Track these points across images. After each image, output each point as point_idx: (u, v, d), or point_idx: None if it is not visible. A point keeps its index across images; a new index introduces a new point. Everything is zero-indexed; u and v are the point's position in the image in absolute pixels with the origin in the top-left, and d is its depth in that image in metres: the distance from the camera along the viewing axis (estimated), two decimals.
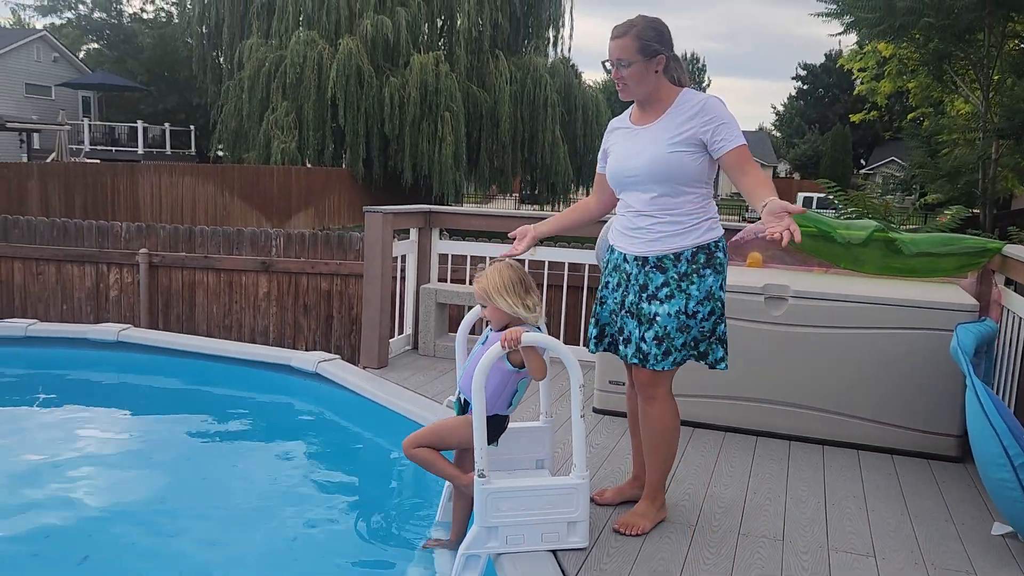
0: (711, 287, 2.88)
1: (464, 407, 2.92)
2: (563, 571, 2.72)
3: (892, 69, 17.01)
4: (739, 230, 4.84)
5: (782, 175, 61.05)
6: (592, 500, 3.13)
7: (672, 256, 2.88)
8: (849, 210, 7.54)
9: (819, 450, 3.99)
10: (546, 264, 5.62)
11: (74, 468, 4.08)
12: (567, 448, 3.78)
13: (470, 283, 6.06)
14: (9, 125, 23.70)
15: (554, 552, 2.80)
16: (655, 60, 2.83)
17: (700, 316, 2.88)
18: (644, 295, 2.92)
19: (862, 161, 56.16)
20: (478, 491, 2.72)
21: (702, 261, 2.87)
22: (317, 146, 25.29)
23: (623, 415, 4.22)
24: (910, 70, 16.49)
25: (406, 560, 3.18)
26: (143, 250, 6.80)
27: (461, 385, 2.97)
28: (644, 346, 2.91)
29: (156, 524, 3.53)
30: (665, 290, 2.88)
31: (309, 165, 25.32)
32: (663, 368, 2.90)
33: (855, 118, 20.04)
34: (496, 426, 2.90)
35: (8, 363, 5.63)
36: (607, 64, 2.91)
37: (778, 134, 66.78)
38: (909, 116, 18.40)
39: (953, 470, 3.78)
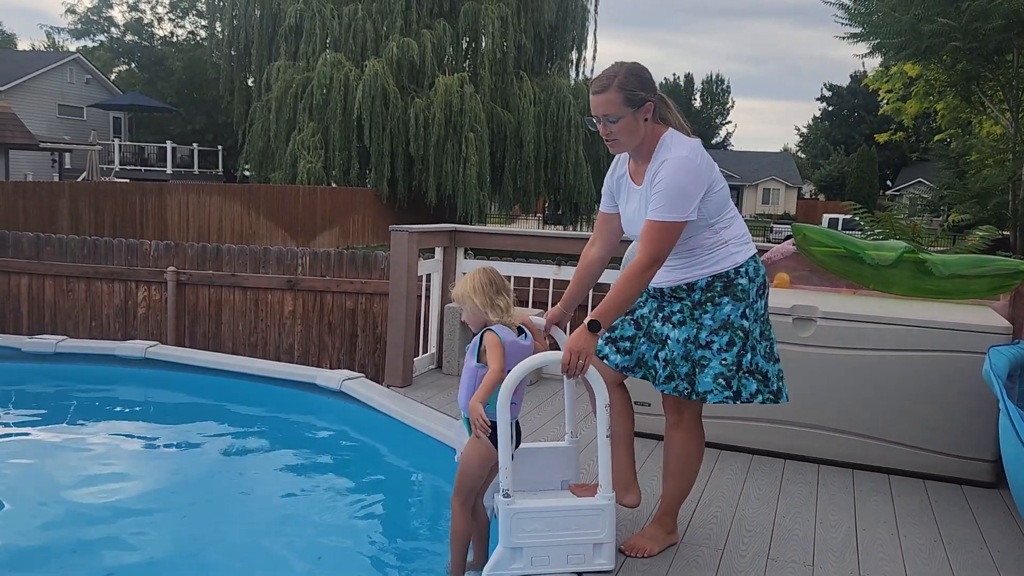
0: (728, 316, 2.77)
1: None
2: None
3: (919, 90, 16.89)
4: (765, 250, 4.81)
5: (807, 196, 60.70)
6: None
7: (685, 287, 2.83)
8: (876, 231, 7.46)
9: (849, 474, 3.93)
10: (551, 282, 5.60)
11: (101, 483, 4.11)
12: (592, 469, 3.75)
13: None
14: (42, 145, 24.15)
15: (579, 574, 2.77)
16: (643, 108, 2.69)
17: (716, 346, 2.77)
18: (660, 315, 2.90)
19: (888, 182, 55.74)
20: (503, 511, 2.70)
21: (719, 289, 2.79)
22: (342, 166, 25.55)
23: (648, 436, 4.20)
24: (937, 91, 16.37)
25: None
26: (171, 268, 6.87)
27: (459, 401, 2.92)
28: (657, 365, 2.89)
29: (180, 540, 3.54)
30: (679, 315, 2.84)
31: (334, 185, 25.57)
32: (665, 391, 2.85)
33: (881, 138, 19.91)
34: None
35: (38, 379, 5.70)
36: (593, 120, 2.76)
37: (803, 155, 66.51)
38: (936, 137, 18.22)
39: (987, 496, 3.71)
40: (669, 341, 2.84)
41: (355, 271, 6.66)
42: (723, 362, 2.77)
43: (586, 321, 2.62)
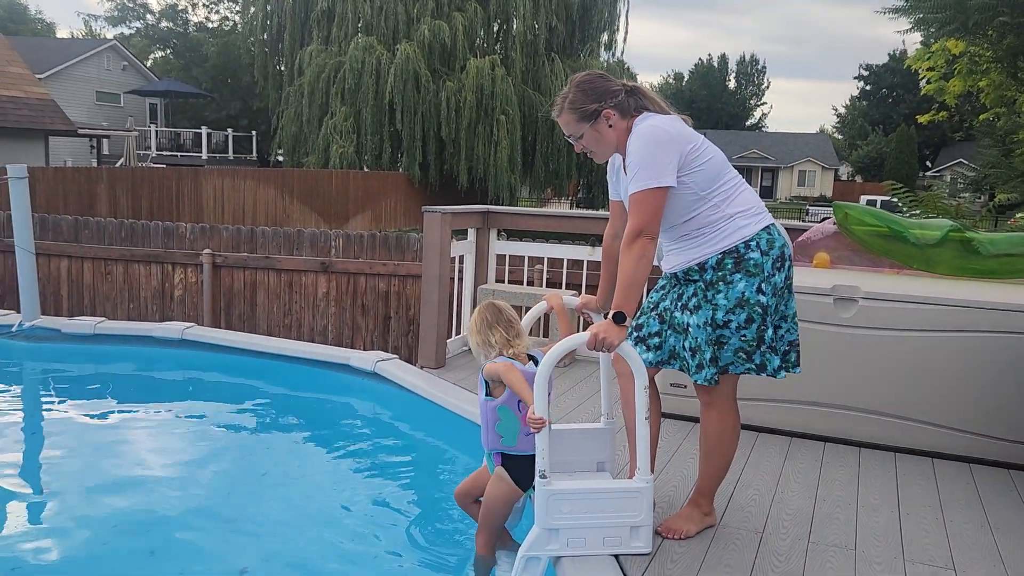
0: (743, 293, 2.70)
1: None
2: (626, 575, 2.65)
3: (962, 67, 16.42)
4: (804, 230, 4.71)
5: (844, 178, 59.71)
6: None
7: (696, 267, 2.77)
8: (918, 212, 7.28)
9: (891, 457, 3.84)
10: (585, 264, 5.54)
11: (140, 463, 4.16)
12: (628, 451, 3.71)
13: (528, 284, 6.04)
14: (81, 131, 24.50)
15: (616, 556, 2.73)
16: (601, 118, 2.72)
17: (735, 325, 2.72)
18: (679, 303, 2.85)
19: (928, 163, 54.63)
20: (539, 492, 2.67)
21: (729, 267, 2.72)
22: (374, 150, 25.61)
23: (685, 418, 4.15)
24: (982, 68, 15.89)
25: (464, 560, 3.14)
26: (207, 250, 6.92)
27: (483, 442, 2.92)
28: (686, 355, 2.84)
29: (218, 519, 3.57)
30: (694, 300, 2.78)
31: (366, 169, 25.65)
32: (698, 381, 2.80)
33: (923, 119, 19.38)
34: (521, 469, 2.84)
35: (77, 359, 5.78)
36: (570, 140, 2.83)
37: (840, 136, 65.39)
38: (981, 117, 17.73)
39: None
40: (690, 329, 2.79)
41: (388, 253, 6.66)
42: (743, 339, 2.73)
43: (610, 315, 2.58)
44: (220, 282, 6.97)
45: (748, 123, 67.49)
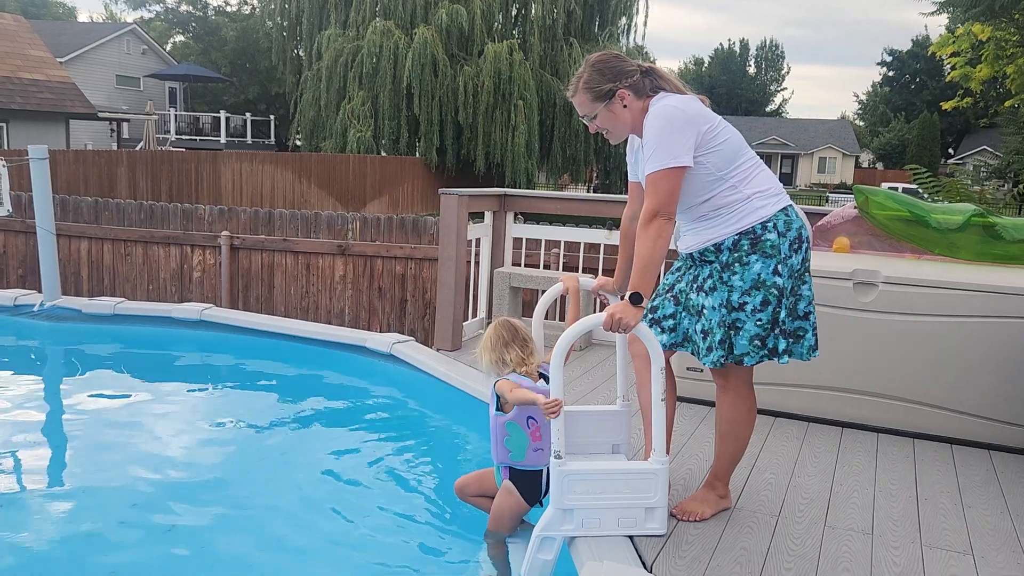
0: (759, 274, 2.67)
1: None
2: (641, 557, 2.65)
3: (989, 53, 16.19)
4: (824, 214, 4.67)
5: (865, 165, 59.12)
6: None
7: (712, 248, 2.74)
8: (940, 198, 7.19)
9: (909, 443, 3.81)
10: (602, 247, 5.52)
11: (158, 442, 4.19)
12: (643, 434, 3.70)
13: (544, 267, 6.02)
14: (101, 115, 24.67)
15: (631, 538, 2.73)
16: (616, 98, 2.70)
17: (750, 307, 2.68)
18: (694, 285, 2.83)
19: (950, 151, 53.96)
20: (554, 472, 2.67)
21: (746, 248, 2.68)
22: (392, 135, 25.62)
23: (701, 402, 4.13)
24: (1008, 54, 15.66)
25: (479, 543, 3.15)
26: (225, 233, 6.95)
27: (492, 455, 2.95)
28: (696, 338, 2.82)
29: (236, 498, 3.59)
30: (709, 281, 2.76)
31: (384, 154, 25.67)
32: (707, 364, 2.78)
33: (947, 105, 19.13)
34: (529, 484, 2.87)
35: (97, 339, 5.84)
36: (584, 120, 2.82)
37: (861, 123, 64.69)
38: (1007, 103, 17.48)
39: None
40: (705, 311, 2.77)
41: (405, 236, 6.67)
42: (758, 323, 2.69)
43: (627, 295, 2.57)
44: (238, 264, 7.00)
45: (768, 109, 66.90)
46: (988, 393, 3.71)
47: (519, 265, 5.80)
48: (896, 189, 35.68)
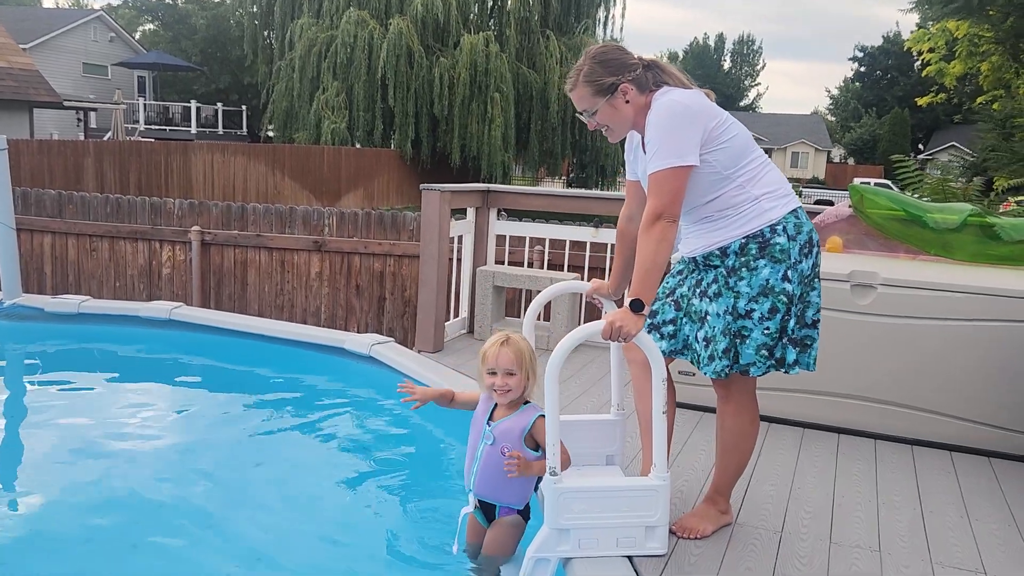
0: (767, 280, 2.52)
1: (487, 510, 2.72)
2: None
3: (963, 49, 16.25)
4: (815, 213, 4.55)
5: (836, 160, 59.60)
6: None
7: (718, 252, 2.59)
8: (925, 195, 7.11)
9: (908, 450, 3.70)
10: (588, 245, 5.37)
11: (125, 449, 3.97)
12: (637, 442, 3.56)
13: (528, 266, 5.86)
14: (67, 104, 24.07)
15: (630, 558, 2.58)
16: (618, 92, 2.54)
17: (758, 315, 2.53)
18: (697, 290, 2.67)
19: (920, 146, 54.52)
20: (549, 490, 2.51)
21: (754, 252, 2.54)
22: (366, 126, 25.28)
23: (696, 407, 4.00)
24: (982, 51, 15.72)
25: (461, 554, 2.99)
26: (195, 228, 6.71)
27: (477, 489, 2.69)
28: (697, 346, 2.67)
29: (207, 509, 3.39)
30: (714, 287, 2.61)
31: (358, 146, 25.33)
32: (708, 374, 2.63)
33: (922, 101, 19.21)
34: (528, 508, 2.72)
35: (60, 339, 5.58)
36: (582, 117, 2.64)
37: (832, 118, 65.19)
38: (979, 99, 17.58)
39: None
40: (708, 317, 2.62)
41: (383, 232, 6.47)
42: (766, 331, 2.54)
43: (627, 302, 2.41)
44: (209, 260, 6.76)
45: (742, 104, 67.21)
46: (989, 399, 3.61)
47: (502, 263, 5.62)
48: (868, 183, 35.88)
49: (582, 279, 5.37)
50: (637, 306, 2.41)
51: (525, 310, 5.79)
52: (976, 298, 3.59)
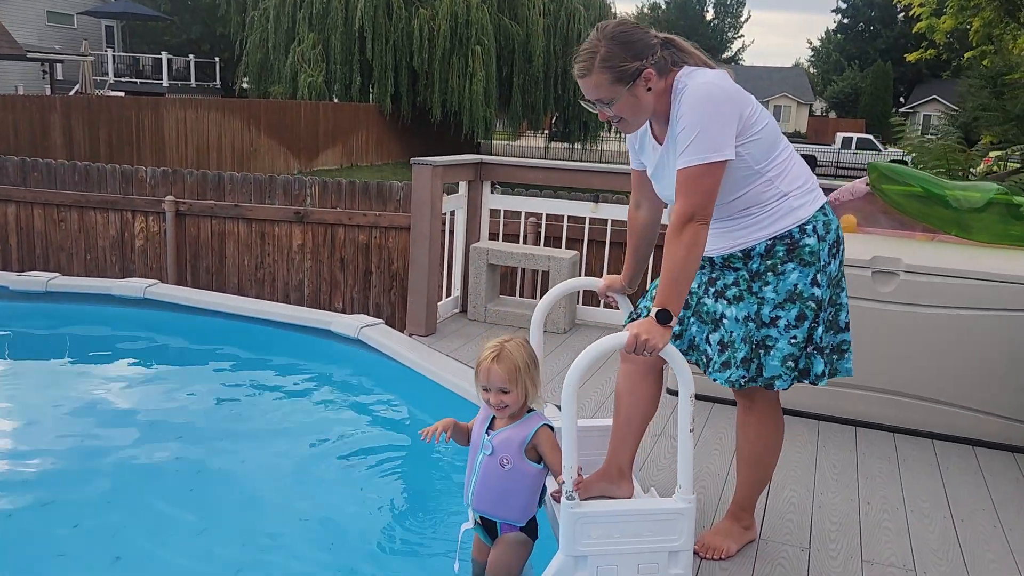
0: (795, 285, 2.29)
1: (489, 527, 2.50)
2: None
3: (954, 3, 15.92)
4: (831, 189, 4.31)
5: (818, 113, 59.29)
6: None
7: (740, 253, 2.34)
8: (930, 164, 6.89)
9: (928, 445, 3.53)
10: (609, 222, 5.12)
11: (96, 440, 3.72)
12: (645, 448, 3.37)
13: (523, 242, 5.60)
14: (31, 55, 23.21)
15: None
16: (640, 79, 2.19)
17: (784, 322, 2.30)
18: (711, 289, 2.42)
19: (902, 100, 54.30)
20: (566, 515, 2.29)
21: (781, 254, 2.30)
22: (344, 80, 24.60)
23: (707, 399, 3.79)
24: (972, 4, 15.39)
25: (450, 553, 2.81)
26: (169, 197, 6.37)
27: (476, 504, 2.47)
28: (709, 350, 2.43)
29: (187, 503, 3.16)
30: (734, 290, 2.36)
31: (336, 100, 24.69)
32: (719, 381, 2.40)
33: (911, 57, 18.79)
34: (534, 525, 2.51)
35: (27, 320, 5.27)
36: (589, 106, 2.28)
37: (814, 70, 64.69)
38: (967, 55, 17.30)
39: None
40: (724, 320, 2.37)
41: (368, 202, 6.17)
42: (792, 340, 2.31)
43: (652, 312, 2.17)
44: (185, 232, 6.43)
45: (724, 56, 66.43)
46: (1015, 392, 3.43)
47: (495, 235, 5.35)
48: (851, 139, 35.42)
49: (581, 254, 5.12)
50: (664, 317, 2.17)
51: (520, 286, 5.57)
52: (1006, 287, 3.39)
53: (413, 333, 4.67)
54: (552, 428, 2.42)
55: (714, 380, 2.40)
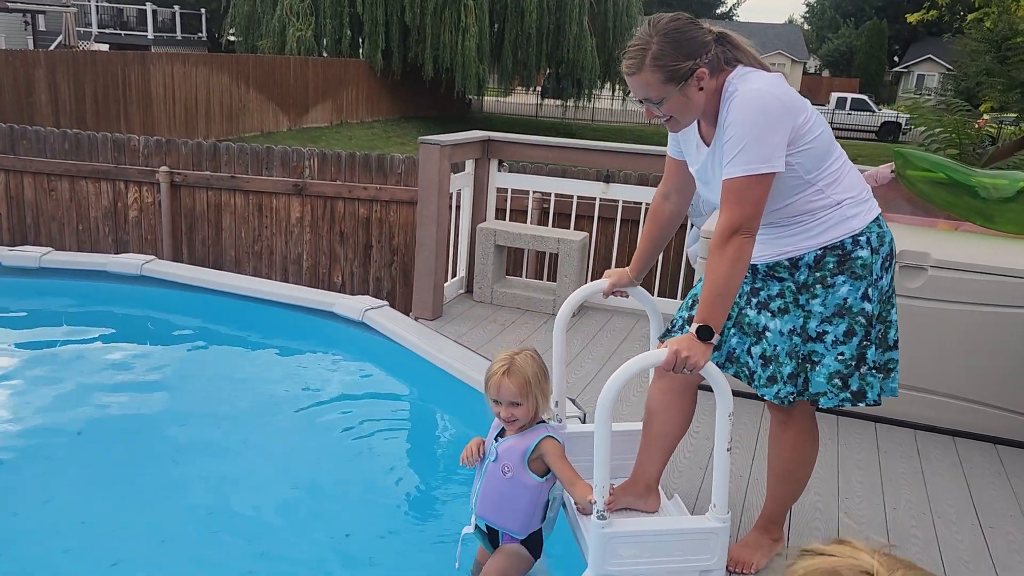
0: (845, 299, 2.18)
1: (491, 535, 2.45)
2: None
3: None
4: None
5: (811, 71, 58.71)
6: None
7: (787, 263, 2.23)
8: (941, 137, 6.77)
9: (950, 443, 3.47)
10: (620, 203, 4.99)
11: (91, 420, 3.63)
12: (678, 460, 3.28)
13: (534, 220, 5.46)
14: (11, 6, 22.57)
15: None
16: (693, 78, 2.08)
17: (831, 338, 2.20)
18: (754, 300, 2.31)
19: (896, 59, 53.79)
20: (596, 534, 2.21)
21: (831, 266, 2.18)
22: (334, 35, 24.08)
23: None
24: None
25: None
26: (163, 168, 6.17)
27: (480, 511, 2.41)
28: (751, 362, 2.33)
29: (187, 493, 3.09)
30: (779, 301, 2.26)
31: (325, 55, 24.18)
32: (767, 397, 2.30)
33: (912, 18, 18.54)
34: (536, 541, 2.45)
35: (20, 296, 5.12)
36: (638, 103, 2.18)
37: (808, 27, 63.91)
38: (971, 16, 17.05)
39: None
40: (768, 333, 2.27)
41: (369, 175, 6.00)
42: (839, 357, 2.20)
43: (693, 328, 2.07)
44: (180, 203, 6.26)
45: (719, 12, 65.47)
46: None
47: (504, 216, 5.21)
48: (846, 99, 34.97)
49: (591, 234, 4.99)
50: (705, 334, 2.07)
51: (526, 266, 5.45)
52: None
53: (419, 317, 4.56)
54: (556, 439, 2.35)
55: (764, 397, 2.31)
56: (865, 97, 37.45)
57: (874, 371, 2.25)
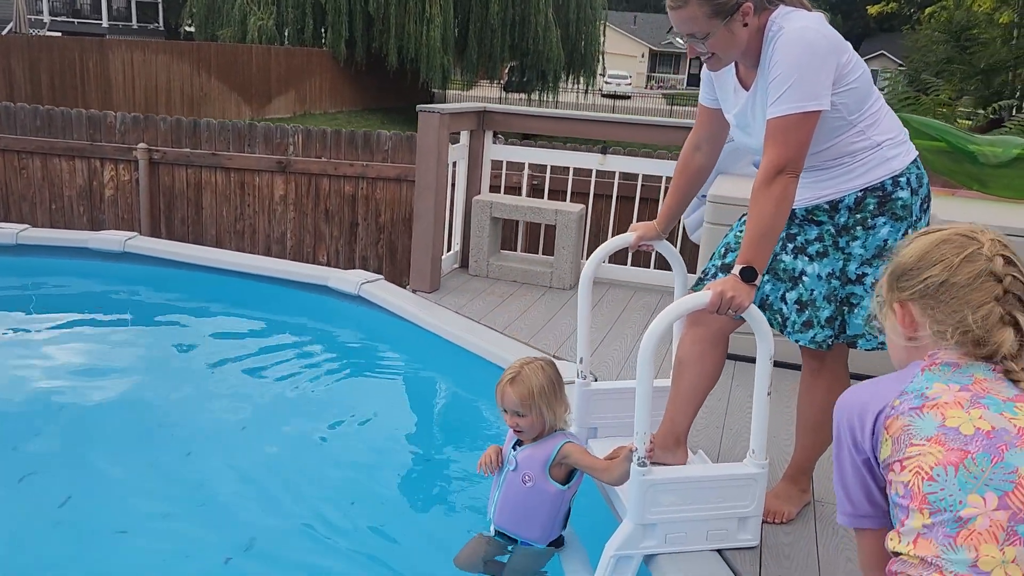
0: (885, 240, 2.18)
1: (509, 542, 2.43)
2: (736, 574, 2.24)
3: None
4: None
5: None
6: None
7: (826, 205, 2.22)
8: (913, 112, 6.88)
9: None
10: (616, 175, 4.98)
11: (76, 404, 3.51)
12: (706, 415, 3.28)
13: (526, 195, 5.42)
14: None
15: (720, 551, 2.31)
16: (738, 13, 2.07)
17: (871, 280, 2.19)
18: (790, 245, 2.30)
19: None
20: (636, 482, 2.19)
21: (871, 208, 2.18)
22: (296, 24, 23.75)
23: (736, 357, 3.72)
24: None
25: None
26: (141, 145, 6.01)
27: (497, 520, 2.40)
28: (785, 309, 2.31)
29: (181, 474, 3.00)
30: (817, 245, 2.25)
31: (288, 45, 23.84)
32: (801, 343, 2.31)
33: (873, 10, 18.97)
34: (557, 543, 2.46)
35: None
36: (679, 39, 2.17)
37: None
38: (928, 10, 17.43)
39: None
40: (805, 278, 2.26)
41: (354, 152, 5.91)
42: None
43: (737, 270, 2.06)
44: (159, 181, 6.09)
45: None
46: None
47: (498, 191, 5.15)
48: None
49: (587, 207, 4.97)
50: (749, 275, 2.06)
51: (520, 242, 5.41)
52: None
53: (417, 289, 4.50)
54: (576, 442, 2.37)
55: (797, 342, 2.30)
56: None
57: None
